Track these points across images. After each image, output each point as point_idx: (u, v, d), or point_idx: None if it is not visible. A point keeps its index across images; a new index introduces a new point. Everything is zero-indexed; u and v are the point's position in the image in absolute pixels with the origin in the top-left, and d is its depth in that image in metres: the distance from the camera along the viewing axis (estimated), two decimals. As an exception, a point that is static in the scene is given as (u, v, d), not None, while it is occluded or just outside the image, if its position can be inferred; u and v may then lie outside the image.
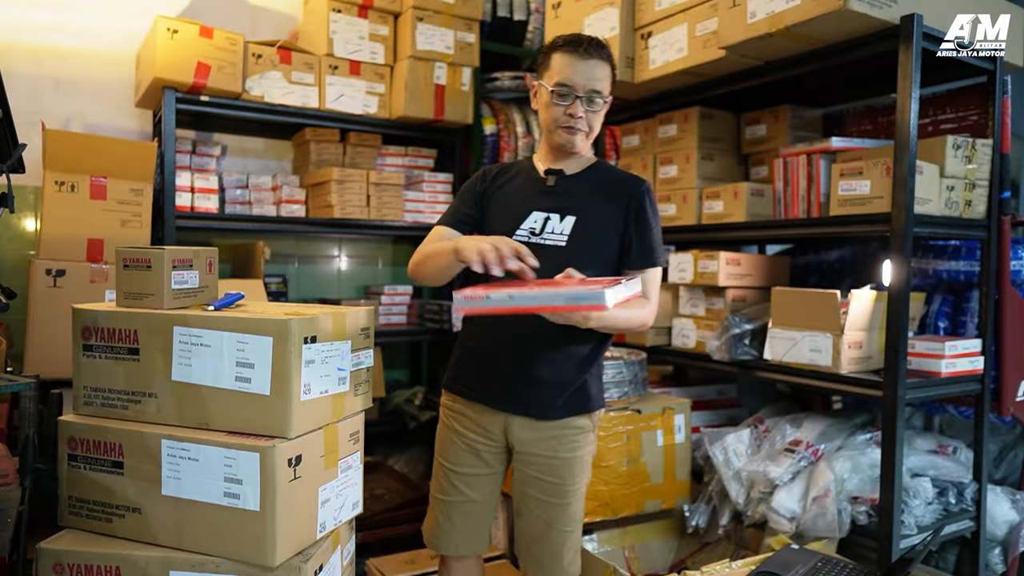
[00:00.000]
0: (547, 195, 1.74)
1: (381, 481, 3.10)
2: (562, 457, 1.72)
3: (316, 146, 3.14)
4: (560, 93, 1.66)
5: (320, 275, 3.50)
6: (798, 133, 2.71)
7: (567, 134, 1.69)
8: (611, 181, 1.76)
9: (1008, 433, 2.59)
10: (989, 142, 2.18)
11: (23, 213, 2.82)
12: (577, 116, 1.66)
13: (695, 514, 2.42)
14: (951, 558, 2.43)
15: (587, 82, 1.65)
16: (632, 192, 1.73)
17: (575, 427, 1.73)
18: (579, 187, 1.74)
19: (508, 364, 1.71)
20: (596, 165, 1.80)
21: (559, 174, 1.75)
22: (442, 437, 1.83)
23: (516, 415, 1.72)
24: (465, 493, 1.79)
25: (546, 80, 1.70)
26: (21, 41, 2.84)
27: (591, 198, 1.72)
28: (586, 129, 1.69)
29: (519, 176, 1.80)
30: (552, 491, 1.72)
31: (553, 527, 1.73)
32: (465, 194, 1.81)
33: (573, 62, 1.65)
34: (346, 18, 3.03)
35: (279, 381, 1.34)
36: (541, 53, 1.74)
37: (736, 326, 2.43)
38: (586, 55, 1.65)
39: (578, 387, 1.73)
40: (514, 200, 1.75)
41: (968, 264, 2.35)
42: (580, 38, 1.68)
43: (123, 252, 1.49)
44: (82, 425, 1.45)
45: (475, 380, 1.77)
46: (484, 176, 1.82)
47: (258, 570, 1.33)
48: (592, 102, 1.67)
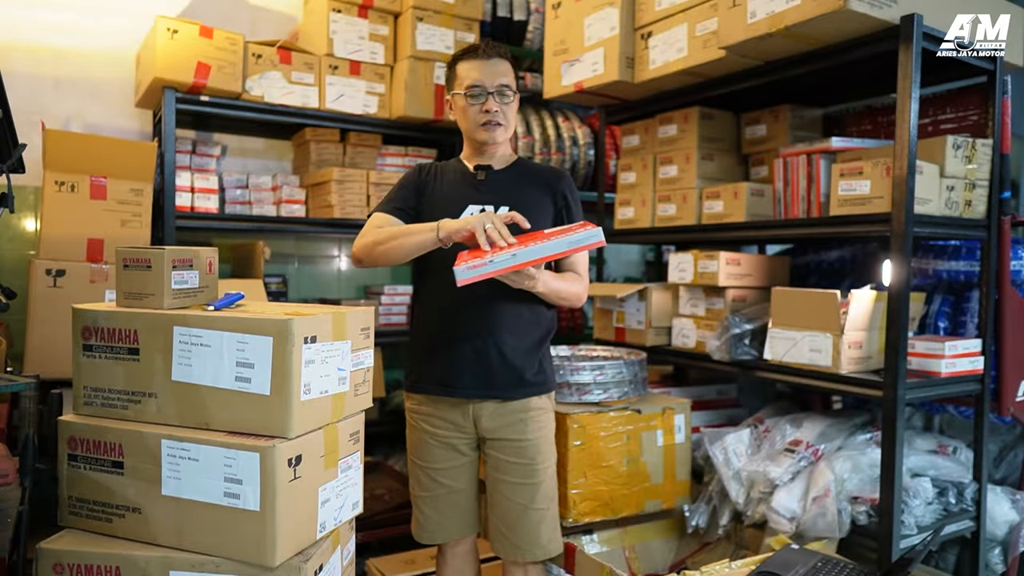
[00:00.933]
0: (479, 189, 1.87)
1: (381, 481, 3.10)
2: (529, 438, 1.83)
3: (316, 146, 3.14)
4: (473, 94, 1.81)
5: (320, 275, 3.50)
6: (798, 133, 2.71)
7: (487, 130, 1.83)
8: (536, 173, 1.93)
9: (1008, 433, 2.59)
10: (989, 142, 2.18)
11: (23, 213, 2.82)
12: (493, 111, 1.81)
13: (695, 514, 2.42)
14: (951, 558, 2.43)
15: (494, 79, 1.81)
16: (557, 182, 1.90)
17: (538, 408, 1.86)
18: (508, 180, 1.89)
19: (469, 351, 1.80)
20: (519, 160, 1.96)
21: (488, 169, 1.89)
22: (414, 440, 1.91)
23: (484, 400, 1.82)
24: (447, 485, 1.88)
25: (456, 88, 1.86)
26: (21, 41, 2.84)
27: (520, 189, 1.87)
28: (504, 122, 1.84)
29: (452, 174, 1.92)
30: (525, 472, 1.83)
31: (529, 508, 1.83)
32: (404, 185, 1.91)
33: (477, 65, 1.82)
34: (346, 18, 3.03)
35: (279, 381, 1.34)
36: (447, 69, 1.91)
37: (736, 326, 2.43)
38: (486, 56, 1.82)
39: (538, 367, 1.86)
40: (450, 194, 1.87)
41: (968, 264, 2.35)
42: (476, 45, 1.86)
43: (123, 252, 1.49)
44: (82, 425, 1.45)
45: (437, 374, 1.84)
46: (420, 171, 1.94)
47: (258, 570, 1.33)
48: (503, 95, 1.82)
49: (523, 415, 1.83)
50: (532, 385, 1.84)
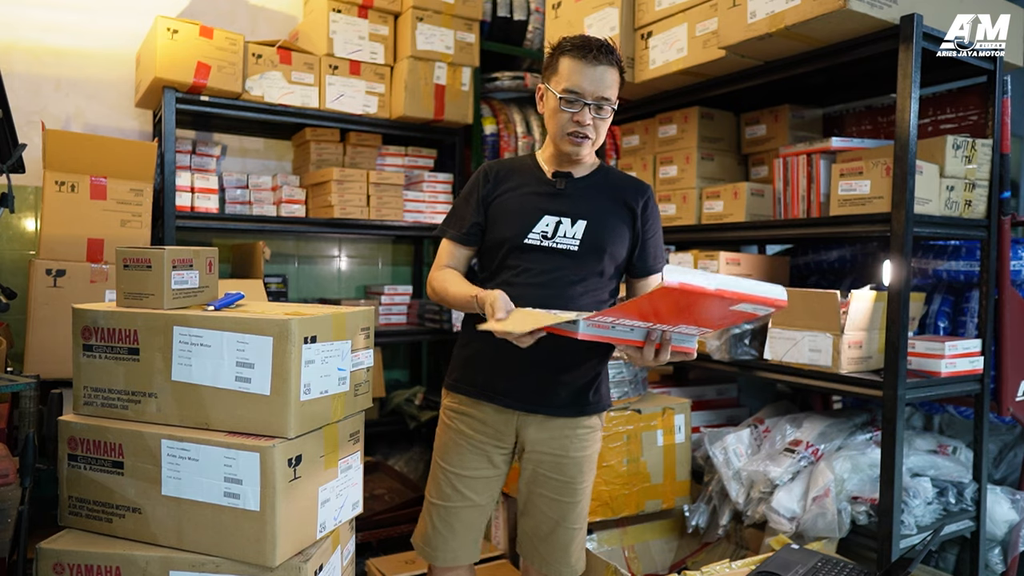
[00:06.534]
0: (556, 198, 1.71)
1: (381, 481, 3.10)
2: (573, 456, 1.71)
3: (316, 146, 3.14)
4: (568, 100, 1.62)
5: (320, 275, 3.50)
6: (798, 133, 2.71)
7: (574, 142, 1.66)
8: (618, 185, 1.75)
9: (1008, 433, 2.59)
10: (989, 142, 2.18)
11: (23, 213, 2.82)
12: (585, 124, 1.63)
13: (695, 514, 2.42)
14: (951, 558, 2.43)
15: (596, 89, 1.61)
16: (639, 196, 1.74)
17: (587, 426, 1.74)
18: (587, 191, 1.72)
19: (527, 363, 1.65)
20: (601, 168, 1.78)
21: (567, 177, 1.73)
22: (445, 440, 1.76)
23: (531, 414, 1.70)
24: (469, 497, 1.74)
25: (553, 85, 1.66)
26: (21, 41, 2.84)
27: (600, 202, 1.71)
28: (593, 137, 1.66)
29: (525, 177, 1.75)
30: (562, 490, 1.72)
31: (561, 525, 1.73)
32: (469, 198, 1.76)
33: (582, 68, 1.61)
34: (346, 18, 3.03)
35: (279, 381, 1.34)
36: (548, 55, 1.69)
37: (736, 326, 2.43)
38: (595, 61, 1.61)
39: (594, 386, 1.74)
40: (523, 203, 1.71)
41: (968, 264, 2.35)
42: (590, 42, 1.63)
43: (123, 252, 1.49)
44: (82, 425, 1.45)
45: (486, 380, 1.71)
46: (487, 177, 1.76)
47: (258, 570, 1.33)
48: (600, 109, 1.63)
49: (570, 432, 1.71)
50: (588, 404, 1.72)
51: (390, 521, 2.76)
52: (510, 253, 1.68)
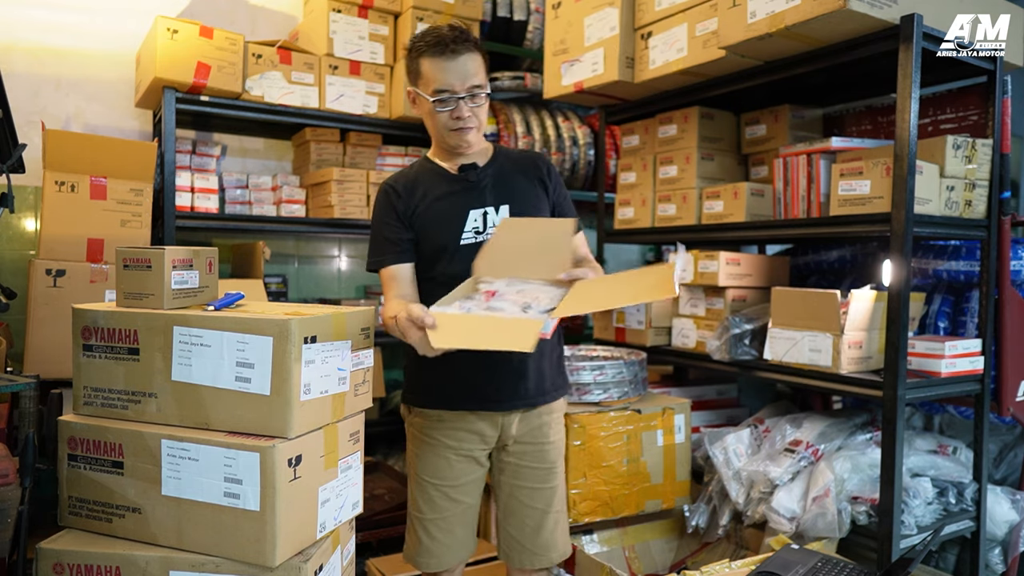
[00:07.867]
0: (473, 191, 1.71)
1: (381, 481, 3.10)
2: (552, 440, 1.80)
3: (316, 146, 3.14)
4: (441, 100, 1.62)
5: (320, 275, 3.50)
6: (798, 133, 2.71)
7: (459, 136, 1.66)
8: (520, 161, 1.78)
9: (1008, 433, 2.59)
10: (989, 142, 2.18)
11: (23, 213, 2.82)
12: (464, 116, 1.63)
13: (695, 514, 2.42)
14: (951, 558, 2.43)
15: (464, 81, 1.61)
16: (542, 165, 1.78)
17: (559, 410, 1.83)
18: (498, 176, 1.74)
19: (497, 365, 1.67)
20: (497, 150, 1.79)
21: (474, 168, 1.73)
22: (426, 456, 1.74)
23: (514, 411, 1.72)
24: (464, 502, 1.75)
25: (422, 88, 1.65)
26: (21, 41, 2.84)
27: (514, 182, 1.74)
28: (475, 124, 1.66)
29: (431, 182, 1.73)
30: (545, 476, 1.78)
31: (548, 513, 1.78)
32: (388, 221, 1.70)
33: (444, 64, 1.60)
34: (346, 18, 3.03)
35: (279, 381, 1.34)
36: (407, 58, 1.68)
37: (736, 326, 2.43)
38: (454, 54, 1.59)
39: (559, 370, 1.82)
40: (445, 206, 1.70)
41: (968, 264, 2.35)
42: (443, 36, 1.60)
43: (123, 252, 1.49)
44: (82, 425, 1.44)
45: (463, 393, 1.70)
46: (395, 193, 1.71)
47: (258, 570, 1.33)
48: (475, 97, 1.63)
49: (547, 418, 1.78)
50: (558, 388, 1.81)
51: (390, 521, 2.76)
52: (450, 257, 1.67)
